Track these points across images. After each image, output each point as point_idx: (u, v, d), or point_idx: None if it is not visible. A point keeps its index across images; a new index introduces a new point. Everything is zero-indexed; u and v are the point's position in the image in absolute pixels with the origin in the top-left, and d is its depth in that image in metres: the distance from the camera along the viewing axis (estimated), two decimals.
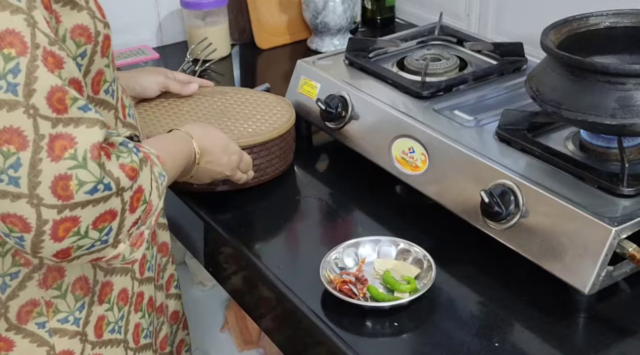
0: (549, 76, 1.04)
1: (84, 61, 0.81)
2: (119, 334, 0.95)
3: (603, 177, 0.99)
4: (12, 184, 0.69)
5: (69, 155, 0.70)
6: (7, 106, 0.68)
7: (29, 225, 0.70)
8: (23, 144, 0.68)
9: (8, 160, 0.68)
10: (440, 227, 1.13)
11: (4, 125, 0.68)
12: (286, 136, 1.26)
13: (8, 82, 0.68)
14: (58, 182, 0.69)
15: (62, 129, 0.70)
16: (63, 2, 0.78)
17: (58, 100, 0.70)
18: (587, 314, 0.96)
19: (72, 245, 0.73)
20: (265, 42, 1.83)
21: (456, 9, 1.71)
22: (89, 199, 0.71)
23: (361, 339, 0.95)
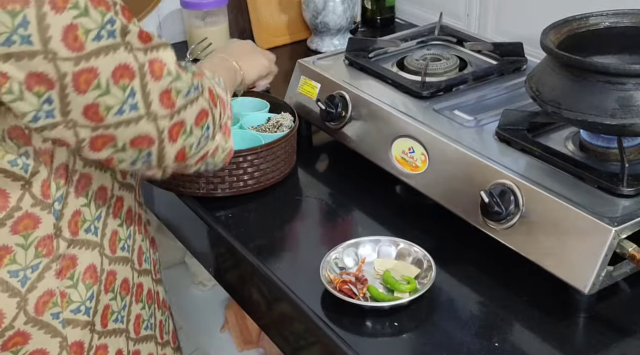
0: (549, 76, 1.04)
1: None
2: (122, 324, 0.96)
3: (603, 177, 0.99)
4: (133, 110, 0.79)
5: (166, 72, 0.82)
6: (113, 48, 0.76)
7: (151, 139, 0.82)
8: (132, 74, 0.79)
9: (125, 91, 0.78)
10: (440, 227, 1.13)
11: (114, 65, 0.77)
12: (290, 139, 1.26)
13: (107, 31, 0.75)
14: (163, 95, 0.81)
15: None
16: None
17: (146, 35, 0.81)
18: (587, 314, 0.96)
19: (184, 145, 0.86)
20: (265, 42, 1.83)
21: (456, 9, 1.71)
22: (186, 102, 0.84)
23: (361, 339, 0.95)
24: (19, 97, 0.73)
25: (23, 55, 0.71)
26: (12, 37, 0.70)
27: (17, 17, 0.70)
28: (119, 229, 0.95)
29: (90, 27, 0.74)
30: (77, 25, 0.73)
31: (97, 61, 0.75)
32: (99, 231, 0.91)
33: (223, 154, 0.94)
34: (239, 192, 1.22)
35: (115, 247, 0.94)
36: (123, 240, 0.96)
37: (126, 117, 0.79)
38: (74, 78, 0.74)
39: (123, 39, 0.77)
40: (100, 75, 0.76)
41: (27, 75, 0.72)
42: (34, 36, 0.71)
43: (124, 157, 0.83)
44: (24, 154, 0.80)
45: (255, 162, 1.20)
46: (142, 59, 0.79)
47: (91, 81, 0.75)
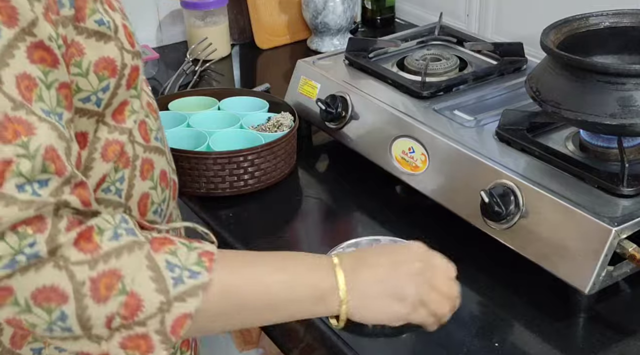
0: (549, 76, 1.04)
1: (105, 95, 0.77)
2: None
3: (603, 177, 0.99)
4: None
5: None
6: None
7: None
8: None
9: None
10: (440, 227, 1.13)
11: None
12: (291, 138, 1.26)
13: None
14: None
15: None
16: (87, 33, 0.74)
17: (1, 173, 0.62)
18: (587, 314, 0.96)
19: (18, 318, 0.65)
20: (265, 42, 1.83)
21: (456, 9, 1.71)
22: (11, 272, 0.63)
23: (361, 339, 0.95)
24: None
25: None
26: None
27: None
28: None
29: None
30: None
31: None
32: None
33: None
34: (239, 191, 1.22)
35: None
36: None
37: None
38: None
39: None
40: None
41: None
42: None
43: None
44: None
45: (255, 162, 1.21)
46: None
47: None
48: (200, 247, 0.72)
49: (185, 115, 1.32)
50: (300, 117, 1.34)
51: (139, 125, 0.84)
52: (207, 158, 1.19)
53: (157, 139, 0.87)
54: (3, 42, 0.63)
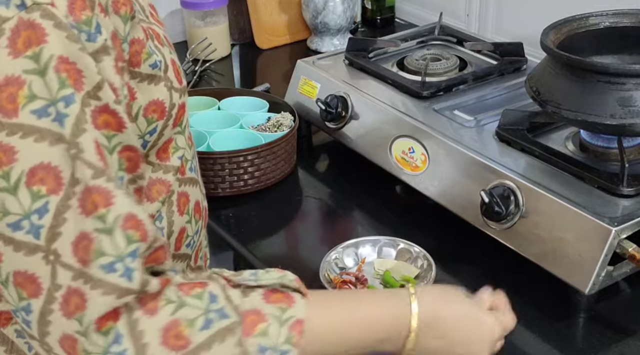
0: (549, 76, 1.04)
1: (152, 138, 0.75)
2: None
3: (603, 177, 0.99)
4: (24, 323, 0.63)
5: (78, 316, 0.61)
6: (27, 249, 0.60)
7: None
8: (36, 291, 0.61)
9: (22, 300, 0.62)
10: (440, 227, 1.13)
11: (20, 268, 0.61)
12: (291, 138, 1.26)
13: (32, 223, 0.59)
14: (65, 340, 0.62)
15: (82, 285, 0.60)
16: (140, 77, 0.71)
17: (84, 248, 0.60)
18: (587, 314, 0.96)
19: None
20: (265, 42, 1.83)
21: (456, 9, 1.71)
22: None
23: None
24: None
25: None
26: None
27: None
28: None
29: (10, 210, 0.60)
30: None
31: (1, 247, 0.61)
32: None
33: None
34: (239, 191, 1.22)
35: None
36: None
37: (19, 328, 0.65)
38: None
39: (48, 244, 0.61)
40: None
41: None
42: None
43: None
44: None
45: (255, 162, 1.21)
46: (61, 280, 0.61)
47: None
48: (292, 317, 0.68)
49: None
50: (300, 117, 1.34)
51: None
52: (207, 158, 1.19)
53: (191, 169, 0.84)
54: (77, 107, 0.60)
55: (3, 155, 0.59)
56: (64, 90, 0.60)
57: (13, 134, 0.59)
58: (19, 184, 0.59)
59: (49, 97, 0.59)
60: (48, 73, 0.59)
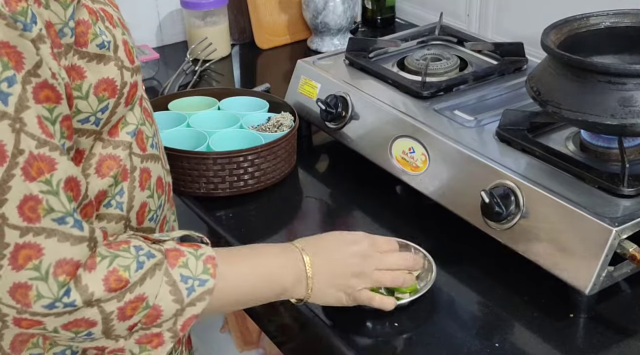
0: (550, 76, 1.04)
1: (104, 115, 0.79)
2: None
3: (603, 177, 0.99)
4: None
5: (32, 265, 0.68)
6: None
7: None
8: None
9: None
10: (440, 227, 1.13)
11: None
12: (291, 138, 1.26)
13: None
14: (17, 288, 0.69)
15: (32, 239, 0.68)
16: (89, 57, 0.75)
17: (30, 209, 0.68)
18: (587, 314, 0.96)
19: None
20: (265, 42, 1.83)
21: (456, 9, 1.71)
22: (48, 312, 0.71)
23: (361, 339, 0.95)
24: None
25: None
26: None
27: None
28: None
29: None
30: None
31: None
32: None
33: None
34: (239, 191, 1.22)
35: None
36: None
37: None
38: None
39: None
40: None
41: None
42: None
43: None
44: None
45: (255, 162, 1.20)
46: (9, 239, 0.68)
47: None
48: (204, 253, 0.81)
49: (185, 115, 1.32)
50: (300, 117, 1.34)
51: (136, 135, 0.84)
52: (207, 158, 1.19)
53: (152, 145, 0.88)
54: (19, 87, 0.67)
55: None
56: (6, 72, 0.66)
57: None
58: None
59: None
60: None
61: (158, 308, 0.76)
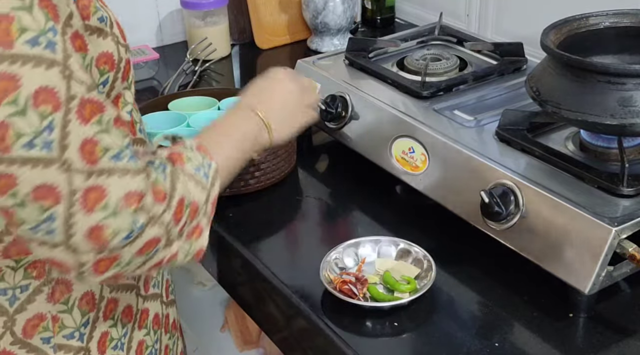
0: (549, 76, 1.04)
1: (105, 89, 0.81)
2: (122, 351, 0.92)
3: (603, 177, 0.99)
4: (48, 235, 0.71)
5: (101, 206, 0.71)
6: (43, 163, 0.68)
7: (68, 267, 0.74)
8: (57, 198, 0.70)
9: (44, 214, 0.70)
10: (440, 227, 1.13)
11: (39, 182, 0.69)
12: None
13: (43, 140, 0.68)
14: (92, 231, 0.71)
15: (96, 181, 0.71)
16: (90, 30, 0.77)
17: (89, 152, 0.70)
18: (587, 314, 0.96)
19: (119, 272, 0.76)
20: (265, 42, 1.83)
21: (456, 9, 1.71)
22: (125, 243, 0.74)
23: (361, 339, 0.95)
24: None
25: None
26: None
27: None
28: None
29: (23, 131, 0.67)
30: (8, 125, 0.67)
31: (19, 170, 0.68)
32: None
33: (186, 258, 0.83)
34: (239, 191, 1.22)
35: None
36: None
37: (40, 238, 0.71)
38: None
39: (60, 153, 0.69)
40: (19, 187, 0.68)
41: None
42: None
43: (24, 216, 0.70)
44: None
45: (255, 162, 1.20)
46: (77, 184, 0.70)
47: (8, 188, 0.68)
48: (192, 145, 0.87)
49: (185, 115, 1.32)
50: None
51: (131, 117, 0.87)
52: None
53: (140, 130, 0.91)
54: (60, 36, 0.70)
55: (9, 83, 0.66)
56: (49, 23, 0.68)
57: (14, 63, 0.66)
58: (26, 107, 0.67)
59: (38, 28, 0.67)
60: (34, 9, 0.67)
61: (195, 202, 0.82)
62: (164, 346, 1.02)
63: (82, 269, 0.73)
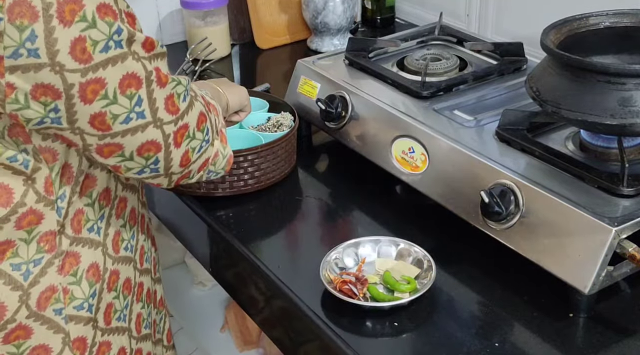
0: (549, 76, 1.04)
1: None
2: (124, 322, 0.97)
3: (603, 177, 0.99)
4: (139, 118, 0.82)
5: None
6: (121, 58, 0.79)
7: (159, 145, 0.86)
8: (139, 83, 0.81)
9: (132, 100, 0.81)
10: (440, 227, 1.13)
11: (122, 74, 0.79)
12: (291, 138, 1.26)
13: (115, 41, 0.77)
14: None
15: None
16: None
17: (150, 43, 0.83)
18: (587, 314, 0.96)
19: (187, 148, 0.89)
20: (265, 42, 1.83)
21: (456, 9, 1.71)
22: (187, 105, 0.88)
23: (361, 339, 0.95)
24: (25, 106, 0.75)
25: (30, 67, 0.73)
26: (19, 50, 0.72)
27: (25, 31, 0.71)
28: (122, 230, 0.96)
29: (97, 38, 0.76)
30: (85, 37, 0.75)
31: (104, 72, 0.77)
32: (101, 231, 0.92)
33: (224, 161, 0.98)
34: (239, 191, 1.22)
35: (118, 248, 0.95)
36: (126, 240, 0.96)
37: (133, 125, 0.82)
38: (80, 88, 0.76)
39: (129, 48, 0.79)
40: (108, 86, 0.78)
41: (34, 86, 0.74)
42: (41, 50, 0.72)
43: (131, 166, 0.86)
44: (23, 151, 0.81)
45: (255, 162, 1.21)
46: (149, 67, 0.82)
47: (98, 91, 0.78)
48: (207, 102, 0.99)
49: None
50: (300, 117, 1.34)
51: None
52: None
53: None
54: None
55: (74, 5, 0.73)
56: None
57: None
58: (95, 20, 0.75)
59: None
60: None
61: (211, 103, 0.98)
62: (153, 320, 1.06)
63: (169, 142, 0.87)
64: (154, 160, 0.87)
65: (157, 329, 1.09)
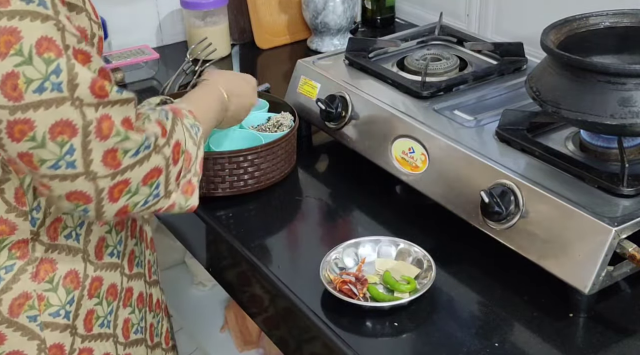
0: (549, 76, 1.04)
1: None
2: (108, 328, 0.96)
3: (603, 177, 0.99)
4: (69, 167, 0.77)
5: (114, 133, 0.78)
6: (56, 103, 0.74)
7: (88, 197, 0.79)
8: (74, 132, 0.76)
9: (63, 148, 0.76)
10: (440, 227, 1.13)
11: (55, 120, 0.74)
12: (291, 138, 1.26)
13: (52, 82, 0.74)
14: (108, 155, 0.78)
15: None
16: (68, 5, 0.80)
17: (100, 88, 0.77)
18: (587, 314, 0.96)
19: (127, 203, 0.82)
20: (265, 42, 1.83)
21: (456, 9, 1.71)
22: (135, 161, 0.81)
23: (361, 339, 0.95)
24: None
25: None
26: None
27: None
28: (107, 236, 0.95)
29: (32, 76, 0.73)
30: (18, 73, 0.72)
31: (35, 114, 0.74)
32: (81, 238, 0.91)
33: (181, 211, 0.92)
34: (239, 191, 1.22)
35: (102, 254, 0.94)
36: (112, 246, 0.96)
37: (61, 173, 0.77)
38: (8, 126, 0.74)
39: (71, 92, 0.75)
40: (37, 129, 0.74)
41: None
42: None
43: (62, 205, 0.81)
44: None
45: (255, 162, 1.21)
46: (90, 116, 0.77)
47: (26, 133, 0.74)
48: (184, 107, 0.96)
49: None
50: (300, 117, 1.34)
51: None
52: (207, 158, 1.19)
53: None
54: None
55: (10, 36, 0.72)
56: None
57: (12, 18, 0.72)
58: (32, 55, 0.73)
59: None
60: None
61: (189, 152, 0.90)
62: (148, 324, 1.06)
63: (101, 196, 0.80)
64: (83, 209, 0.81)
65: (154, 332, 1.08)
